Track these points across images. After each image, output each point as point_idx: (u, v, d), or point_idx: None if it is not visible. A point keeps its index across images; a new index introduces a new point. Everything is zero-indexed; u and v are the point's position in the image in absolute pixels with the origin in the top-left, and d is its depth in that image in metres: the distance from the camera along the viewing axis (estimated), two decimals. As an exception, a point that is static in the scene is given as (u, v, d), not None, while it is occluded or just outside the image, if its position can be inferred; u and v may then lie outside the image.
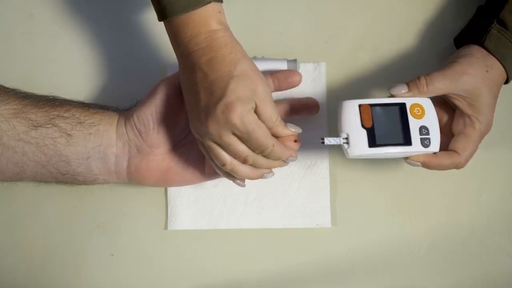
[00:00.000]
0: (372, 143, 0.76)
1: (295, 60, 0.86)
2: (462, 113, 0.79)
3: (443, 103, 0.81)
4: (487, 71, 0.79)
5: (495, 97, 0.80)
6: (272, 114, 0.75)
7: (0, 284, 0.87)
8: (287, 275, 0.87)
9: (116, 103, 0.86)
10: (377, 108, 0.77)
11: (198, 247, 0.87)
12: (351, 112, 0.77)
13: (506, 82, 0.82)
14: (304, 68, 0.89)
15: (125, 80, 0.90)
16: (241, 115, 0.72)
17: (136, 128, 0.81)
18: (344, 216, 0.88)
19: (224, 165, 0.76)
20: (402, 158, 0.80)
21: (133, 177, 0.83)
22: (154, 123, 0.81)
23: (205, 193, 0.88)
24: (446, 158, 0.79)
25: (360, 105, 0.77)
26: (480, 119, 0.79)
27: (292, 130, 0.78)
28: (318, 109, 0.86)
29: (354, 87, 0.89)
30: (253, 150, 0.75)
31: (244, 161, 0.76)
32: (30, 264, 0.87)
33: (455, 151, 0.79)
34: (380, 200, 0.88)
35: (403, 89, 0.79)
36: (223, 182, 0.87)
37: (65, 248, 0.87)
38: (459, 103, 0.79)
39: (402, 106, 0.78)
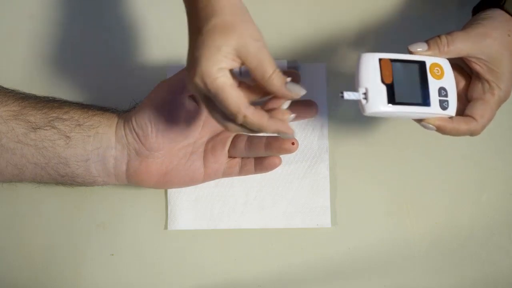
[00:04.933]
0: (391, 100, 0.72)
1: (295, 61, 0.86)
2: (481, 79, 0.76)
3: (459, 68, 0.78)
4: (509, 35, 0.75)
5: None
6: (258, 69, 0.67)
7: (0, 284, 0.87)
8: (287, 275, 0.87)
9: (116, 104, 0.86)
10: (398, 64, 0.73)
11: (198, 247, 0.87)
12: (371, 66, 0.72)
13: None
14: (305, 69, 0.88)
15: (125, 81, 0.90)
16: (201, 76, 0.65)
17: (135, 132, 0.81)
18: (344, 216, 0.88)
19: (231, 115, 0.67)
20: (414, 120, 0.76)
21: (132, 180, 0.83)
22: (152, 127, 0.80)
23: (205, 193, 0.88)
24: (462, 124, 0.75)
25: (380, 59, 0.72)
26: (500, 86, 0.75)
27: (292, 91, 0.68)
28: (317, 111, 0.86)
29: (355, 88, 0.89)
30: (228, 117, 0.68)
31: (225, 127, 0.69)
32: (30, 264, 0.87)
33: (472, 117, 0.75)
34: (380, 200, 0.88)
35: (423, 47, 0.74)
36: (223, 182, 0.88)
37: (65, 248, 0.88)
38: (479, 67, 0.75)
39: (422, 65, 0.74)
